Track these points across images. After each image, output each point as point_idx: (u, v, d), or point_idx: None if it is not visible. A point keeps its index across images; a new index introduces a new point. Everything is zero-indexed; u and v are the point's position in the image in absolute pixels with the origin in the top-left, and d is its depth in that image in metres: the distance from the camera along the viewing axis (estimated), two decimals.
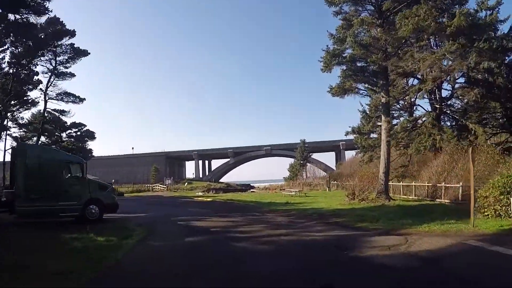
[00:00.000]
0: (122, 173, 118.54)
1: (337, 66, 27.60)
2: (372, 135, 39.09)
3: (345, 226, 15.61)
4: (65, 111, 57.14)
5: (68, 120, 63.65)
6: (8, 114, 56.86)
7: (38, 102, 56.86)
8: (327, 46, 28.44)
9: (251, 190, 65.08)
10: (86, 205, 18.65)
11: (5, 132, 57.88)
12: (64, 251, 10.77)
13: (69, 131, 64.54)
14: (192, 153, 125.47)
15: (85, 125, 64.36)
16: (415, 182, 29.49)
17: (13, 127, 58.13)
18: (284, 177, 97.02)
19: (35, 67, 46.47)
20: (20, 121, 58.14)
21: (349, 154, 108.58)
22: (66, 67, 48.81)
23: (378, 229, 14.09)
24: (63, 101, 53.53)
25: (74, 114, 59.21)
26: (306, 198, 35.35)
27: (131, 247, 11.73)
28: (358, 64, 28.24)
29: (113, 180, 62.77)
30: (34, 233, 14.02)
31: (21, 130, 60.10)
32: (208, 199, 39.32)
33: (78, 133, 64.88)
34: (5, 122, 56.97)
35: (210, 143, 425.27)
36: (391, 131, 28.37)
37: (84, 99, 54.72)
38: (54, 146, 64.86)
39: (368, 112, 38.14)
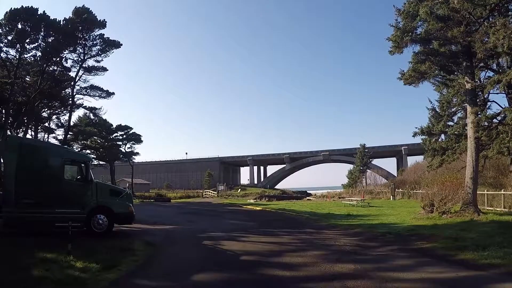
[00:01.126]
0: (175, 178, 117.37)
1: (410, 44, 21.87)
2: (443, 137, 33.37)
3: (440, 257, 10.33)
4: (96, 108, 52.76)
5: (114, 122, 61.92)
6: (53, 116, 55.50)
7: (81, 104, 54.56)
8: (396, 20, 22.99)
9: (307, 198, 59.84)
10: (92, 214, 14.74)
11: (47, 134, 56.46)
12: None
13: (115, 134, 62.55)
14: (247, 159, 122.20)
15: (131, 128, 62.19)
16: (504, 190, 23.67)
17: (57, 129, 56.49)
18: (342, 184, 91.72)
19: (66, 62, 42.94)
20: (64, 123, 56.13)
21: (411, 160, 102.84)
22: (98, 61, 44.64)
23: (494, 265, 8.95)
24: (89, 95, 48.35)
25: (106, 111, 56.18)
26: (370, 209, 29.99)
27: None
28: (434, 43, 22.43)
29: (126, 186, 60.22)
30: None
31: (63, 133, 58.25)
32: (258, 208, 34.63)
33: (124, 136, 62.71)
34: (48, 124, 55.48)
35: (265, 148, 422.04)
36: (479, 126, 22.45)
37: (113, 93, 49.36)
38: (101, 150, 63.36)
39: (438, 109, 32.21)
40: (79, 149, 59.58)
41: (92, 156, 62.51)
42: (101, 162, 65.07)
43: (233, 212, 30.90)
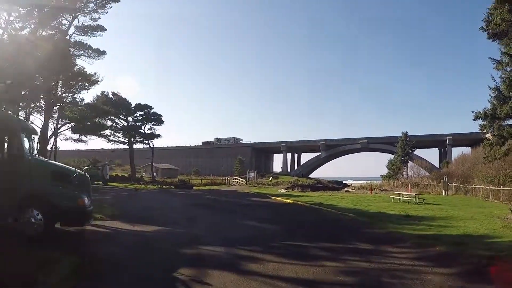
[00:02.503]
0: (205, 164, 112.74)
1: None
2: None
3: None
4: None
5: (132, 101, 56.81)
6: (68, 94, 50.95)
7: (98, 80, 49.55)
8: None
9: (345, 189, 53.02)
10: (22, 208, 9.34)
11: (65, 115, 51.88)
12: None
13: (134, 114, 57.53)
14: (280, 145, 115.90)
15: (151, 107, 56.69)
16: None
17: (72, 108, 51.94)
18: (381, 175, 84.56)
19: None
20: (80, 102, 51.32)
21: (455, 152, 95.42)
22: (94, 19, 39.69)
23: None
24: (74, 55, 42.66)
25: (103, 79, 50.78)
26: (429, 208, 23.37)
27: None
28: None
29: (105, 163, 55.38)
30: None
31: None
32: (288, 201, 28.28)
33: (144, 116, 57.51)
34: (62, 104, 50.99)
35: (300, 135, 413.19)
36: None
37: (104, 52, 44.30)
38: (121, 131, 58.38)
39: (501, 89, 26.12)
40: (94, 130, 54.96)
41: (112, 138, 57.72)
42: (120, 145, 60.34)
43: (256, 206, 24.80)
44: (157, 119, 58.19)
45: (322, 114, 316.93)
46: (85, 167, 41.21)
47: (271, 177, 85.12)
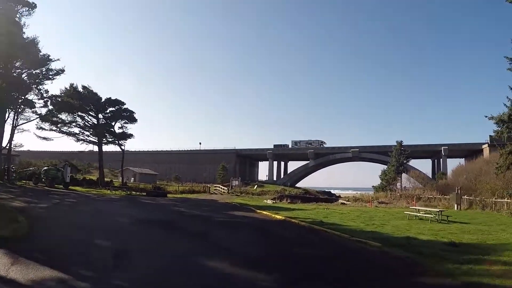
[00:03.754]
0: (187, 170, 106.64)
1: None
2: None
3: None
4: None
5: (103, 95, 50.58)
6: (32, 85, 45.21)
7: (63, 70, 43.76)
8: None
9: (341, 201, 46.58)
10: None
11: (29, 108, 46.06)
12: None
13: (104, 111, 51.28)
14: (266, 152, 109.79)
15: (123, 103, 50.24)
16: None
17: (38, 102, 46.07)
18: (373, 186, 79.66)
19: None
20: (45, 94, 45.25)
21: (449, 163, 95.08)
22: None
23: None
24: None
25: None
26: (466, 229, 17.67)
27: None
28: None
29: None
30: None
31: (45, 107, 47.44)
32: (278, 217, 21.93)
33: (115, 112, 51.19)
34: (29, 96, 45.23)
35: (287, 141, 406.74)
36: None
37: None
38: (89, 129, 52.00)
39: None
40: (58, 127, 48.80)
41: (81, 137, 51.45)
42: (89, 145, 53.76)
43: (237, 224, 18.39)
44: (129, 117, 51.26)
45: (311, 121, 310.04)
46: (44, 168, 34.58)
47: (256, 186, 79.07)
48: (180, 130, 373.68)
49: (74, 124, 51.05)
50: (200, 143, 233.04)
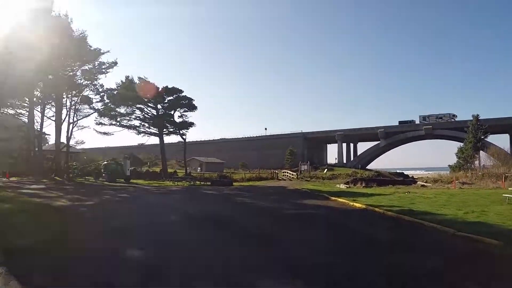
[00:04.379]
0: (253, 157, 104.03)
1: None
2: None
3: None
4: None
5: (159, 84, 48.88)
6: (87, 81, 44.36)
7: (116, 62, 42.45)
8: None
9: (422, 183, 41.76)
10: None
11: (87, 105, 45.34)
12: None
13: (162, 100, 49.54)
14: (335, 134, 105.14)
15: (181, 91, 48.10)
16: None
17: (94, 98, 45.22)
18: (449, 165, 73.98)
19: None
20: (100, 89, 44.13)
21: None
22: None
23: None
24: None
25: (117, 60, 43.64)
26: None
27: None
28: None
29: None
30: None
31: (101, 102, 46.47)
32: (357, 205, 18.50)
33: (174, 101, 49.34)
34: (85, 92, 44.34)
35: (355, 123, 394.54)
36: None
37: None
38: (150, 120, 50.60)
39: None
40: (118, 121, 47.71)
41: (142, 129, 50.20)
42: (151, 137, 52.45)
43: (310, 219, 14.97)
44: (188, 105, 49.17)
45: (379, 99, 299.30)
46: (104, 163, 32.96)
47: (325, 170, 75.28)
48: (244, 116, 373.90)
49: (133, 117, 49.90)
50: (265, 129, 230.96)
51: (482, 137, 68.12)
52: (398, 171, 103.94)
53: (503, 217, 13.39)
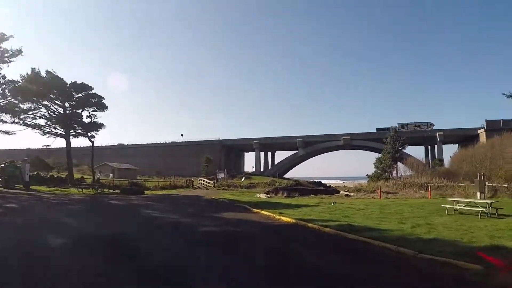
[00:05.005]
0: (169, 164, 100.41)
1: None
2: None
3: None
4: None
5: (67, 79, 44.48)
6: None
7: (20, 50, 38.13)
8: None
9: (344, 193, 40.51)
10: None
11: None
12: None
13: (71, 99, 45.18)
14: (252, 142, 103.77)
15: (91, 88, 44.02)
16: None
17: None
18: (367, 175, 75.17)
19: None
20: (2, 80, 39.23)
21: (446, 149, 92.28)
22: None
23: None
24: None
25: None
26: None
27: None
28: None
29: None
30: None
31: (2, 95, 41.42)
32: (284, 219, 16.35)
33: (83, 99, 45.14)
34: None
35: (273, 131, 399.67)
36: None
37: None
38: (54, 119, 45.77)
39: None
40: (22, 119, 42.86)
41: (47, 129, 45.37)
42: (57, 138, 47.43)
43: (230, 239, 11.79)
44: (98, 103, 44.78)
45: (297, 109, 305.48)
46: (0, 165, 27.98)
47: (243, 178, 73.21)
48: (160, 123, 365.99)
49: (38, 115, 44.77)
50: (182, 135, 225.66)
51: (400, 148, 69.73)
52: (315, 180, 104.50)
53: (455, 231, 12.34)
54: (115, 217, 17.61)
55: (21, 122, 43.37)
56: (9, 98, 40.86)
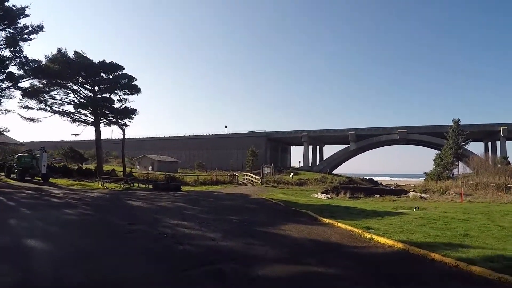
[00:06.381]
0: (212, 156, 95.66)
1: None
2: None
3: None
4: None
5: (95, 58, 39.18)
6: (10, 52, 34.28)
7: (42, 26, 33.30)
8: None
9: (419, 195, 33.35)
10: None
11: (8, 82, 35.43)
12: None
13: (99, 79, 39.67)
14: (301, 135, 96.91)
15: (122, 67, 38.48)
16: None
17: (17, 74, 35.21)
18: (425, 172, 69.92)
19: None
20: (23, 60, 34.38)
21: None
22: None
23: None
24: None
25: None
26: None
27: None
28: None
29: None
30: None
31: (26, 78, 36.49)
32: (383, 241, 10.10)
33: (112, 81, 39.51)
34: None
35: (323, 123, 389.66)
36: None
37: None
38: (84, 104, 40.56)
39: None
40: (49, 105, 38.09)
41: (76, 116, 40.33)
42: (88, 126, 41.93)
43: None
44: (130, 85, 38.79)
45: (350, 98, 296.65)
46: (17, 155, 23.66)
47: (292, 174, 66.95)
48: (205, 115, 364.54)
49: (67, 100, 39.61)
50: (226, 126, 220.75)
51: (463, 143, 62.03)
52: (367, 177, 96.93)
53: None
54: (115, 237, 10.36)
55: (49, 108, 38.35)
56: (31, 78, 35.81)
